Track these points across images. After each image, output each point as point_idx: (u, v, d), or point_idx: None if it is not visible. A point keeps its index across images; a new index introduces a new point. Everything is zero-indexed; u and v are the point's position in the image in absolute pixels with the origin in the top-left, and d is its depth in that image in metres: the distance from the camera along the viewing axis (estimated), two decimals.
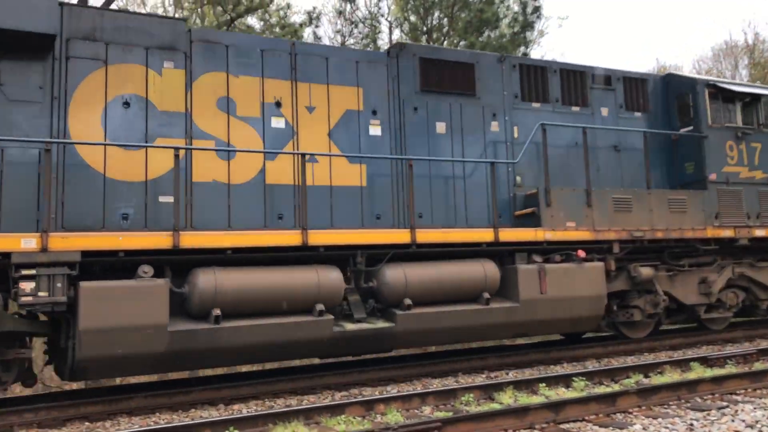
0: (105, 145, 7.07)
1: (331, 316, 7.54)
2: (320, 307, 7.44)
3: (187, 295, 7.02)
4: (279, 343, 7.33)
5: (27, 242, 6.33)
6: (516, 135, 9.55)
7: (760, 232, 10.71)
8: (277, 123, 8.00)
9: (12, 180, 6.68)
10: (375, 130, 8.58)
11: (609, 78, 10.53)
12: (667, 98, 10.99)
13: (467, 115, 9.21)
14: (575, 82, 10.17)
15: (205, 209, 7.49)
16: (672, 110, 10.93)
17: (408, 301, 7.94)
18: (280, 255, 7.54)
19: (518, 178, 9.46)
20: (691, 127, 10.69)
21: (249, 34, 11.09)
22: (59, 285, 6.31)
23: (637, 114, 10.71)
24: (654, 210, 9.86)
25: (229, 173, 7.65)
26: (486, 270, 8.50)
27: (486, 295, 8.42)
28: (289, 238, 7.42)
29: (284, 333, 7.30)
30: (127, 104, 7.28)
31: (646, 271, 9.76)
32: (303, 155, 7.80)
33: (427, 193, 8.78)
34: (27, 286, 6.26)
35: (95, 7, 9.63)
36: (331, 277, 7.58)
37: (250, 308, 7.17)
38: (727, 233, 10.43)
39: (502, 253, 8.89)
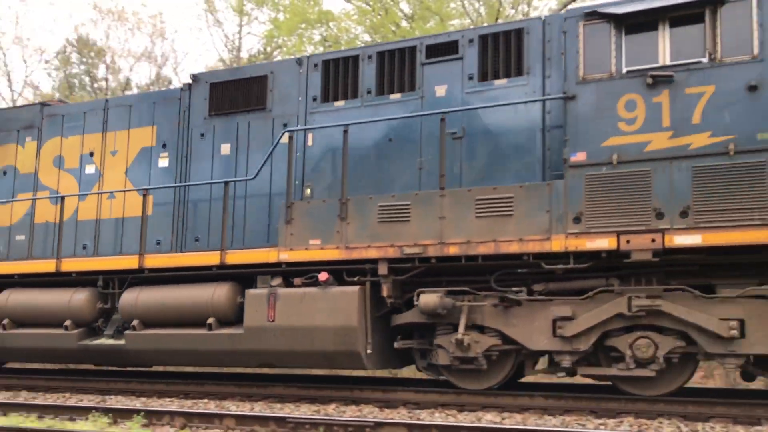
0: None
1: (76, 331, 8.92)
2: (68, 322, 8.93)
3: None
4: (40, 349, 9.20)
5: None
6: (310, 143, 8.47)
7: (685, 239, 6.36)
8: (89, 169, 9.73)
9: None
10: (164, 162, 9.26)
11: (453, 44, 7.95)
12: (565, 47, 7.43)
13: (255, 131, 8.78)
14: (399, 64, 8.17)
15: (42, 244, 9.90)
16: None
17: (135, 322, 8.54)
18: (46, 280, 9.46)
19: (308, 191, 8.39)
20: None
21: (79, 102, 12.33)
22: None
23: (503, 81, 7.68)
24: (448, 217, 7.23)
25: (56, 215, 9.80)
26: (215, 294, 8.18)
27: (211, 320, 8.13)
28: (46, 265, 9.21)
29: (43, 342, 9.14)
30: (4, 173, 10.36)
31: (426, 299, 7.23)
32: (100, 194, 9.40)
33: (206, 216, 8.90)
34: None
35: None
36: (79, 297, 8.96)
37: (24, 319, 9.30)
38: (600, 243, 6.63)
39: (251, 276, 8.24)
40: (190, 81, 9.40)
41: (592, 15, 7.03)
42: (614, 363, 6.86)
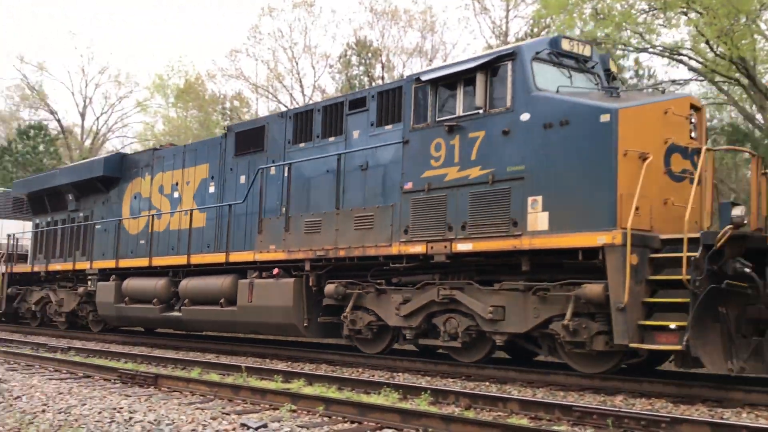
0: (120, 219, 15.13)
1: (159, 306, 13.34)
2: (155, 300, 13.40)
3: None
4: (141, 317, 14.03)
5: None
6: (286, 173, 11.73)
7: (464, 246, 8.74)
8: (176, 195, 14.08)
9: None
10: (212, 189, 13.22)
11: (363, 99, 10.72)
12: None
13: (257, 166, 12.26)
14: (333, 115, 11.13)
15: (160, 245, 14.42)
16: None
17: (186, 301, 12.70)
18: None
19: (283, 209, 11.65)
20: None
21: (171, 147, 15.82)
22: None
23: (388, 127, 10.27)
24: (340, 229, 10.23)
25: (156, 226, 14.33)
26: (223, 283, 12.00)
27: (222, 300, 11.95)
28: (143, 262, 13.82)
29: (142, 313, 13.84)
30: (135, 197, 15.17)
31: (328, 288, 10.33)
32: (182, 213, 13.74)
33: (225, 227, 12.64)
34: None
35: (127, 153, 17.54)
36: (160, 283, 13.41)
37: (135, 297, 13.99)
38: (415, 249, 9.23)
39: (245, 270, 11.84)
40: (226, 130, 13.34)
41: (418, 79, 9.49)
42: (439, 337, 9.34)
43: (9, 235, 19.47)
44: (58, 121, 46.34)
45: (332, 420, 6.24)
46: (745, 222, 7.17)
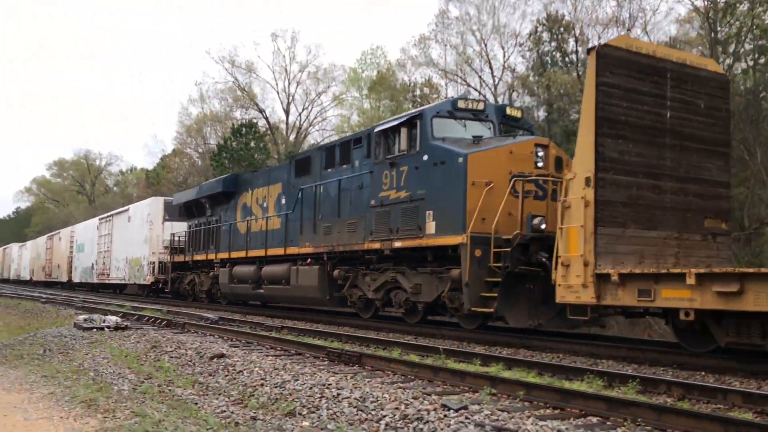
0: (234, 222, 20.87)
1: (252, 285, 18.99)
2: (250, 280, 18.91)
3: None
4: (243, 294, 19.72)
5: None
6: (314, 191, 16.43)
7: (397, 244, 13.20)
8: (264, 204, 19.41)
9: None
10: (283, 201, 18.33)
11: (360, 138, 15.08)
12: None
13: (303, 186, 17.16)
14: (345, 149, 15.66)
15: (254, 241, 19.92)
16: None
17: (265, 281, 17.99)
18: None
19: (319, 217, 16.38)
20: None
21: (263, 169, 20.53)
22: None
23: (366, 161, 14.60)
24: (340, 232, 14.88)
25: (252, 228, 19.81)
26: (283, 268, 17.20)
27: (283, 280, 17.07)
28: (242, 254, 19.41)
29: (243, 290, 19.53)
30: (243, 207, 20.80)
31: (335, 273, 15.22)
32: (266, 218, 19.08)
33: (285, 229, 17.71)
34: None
35: (239, 173, 22.64)
36: (253, 269, 18.94)
37: (239, 279, 19.58)
38: (375, 246, 13.71)
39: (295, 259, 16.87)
40: (291, 157, 18.43)
41: (375, 129, 13.91)
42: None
43: (171, 234, 26.61)
44: (266, 118, 50.44)
45: (533, 405, 6.29)
46: (542, 227, 10.81)
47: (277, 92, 51.13)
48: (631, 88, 9.60)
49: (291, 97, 51.02)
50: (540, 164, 11.89)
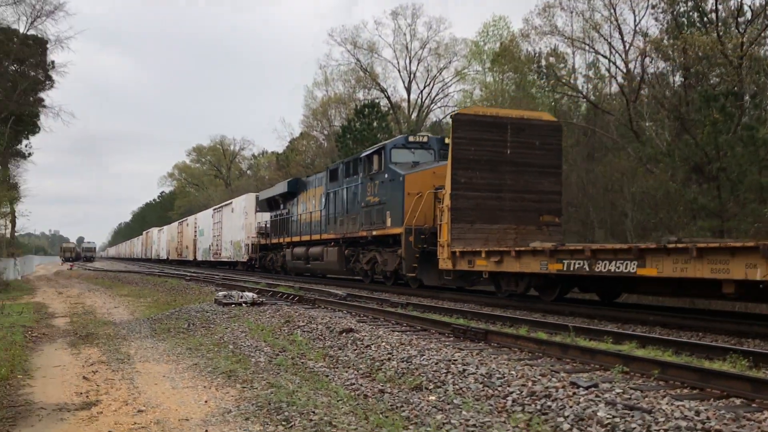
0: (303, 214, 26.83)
1: (302, 261, 26.24)
2: (302, 258, 26.29)
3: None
4: (299, 267, 27.34)
5: None
6: (334, 195, 23.22)
7: (374, 232, 19.69)
8: (313, 202, 26.24)
9: None
10: (323, 200, 24.76)
11: (361, 158, 21.25)
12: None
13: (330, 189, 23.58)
14: (355, 164, 21.85)
15: (306, 229, 25.85)
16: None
17: (311, 258, 25.32)
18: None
19: (334, 212, 23.33)
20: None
21: (314, 175, 27.21)
22: None
23: (362, 175, 20.97)
24: (347, 224, 21.71)
25: (305, 219, 26.12)
26: (319, 249, 24.09)
27: (320, 257, 24.09)
28: (303, 238, 26.74)
29: (297, 265, 27.03)
30: (302, 203, 27.94)
31: (346, 252, 22.01)
32: (311, 213, 25.74)
33: (321, 221, 23.60)
34: None
35: (300, 177, 29.38)
36: (303, 249, 26.36)
37: (297, 257, 26.83)
38: (364, 233, 20.32)
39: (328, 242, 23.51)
40: (328, 167, 25.38)
41: (362, 155, 20.83)
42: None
43: (258, 223, 34.70)
44: (388, 98, 51.38)
45: (669, 384, 6.13)
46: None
47: (399, 71, 51.42)
48: (477, 138, 15.35)
49: (412, 75, 51.37)
50: None
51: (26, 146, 39.86)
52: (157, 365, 9.26)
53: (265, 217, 33.22)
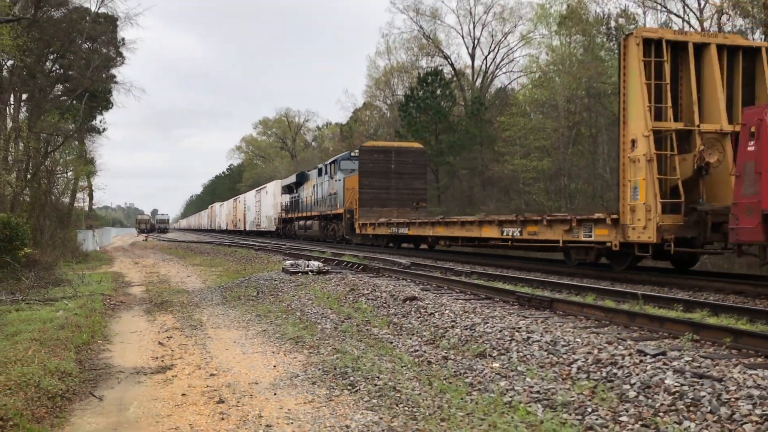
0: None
1: (302, 230, 34.87)
2: (302, 228, 34.09)
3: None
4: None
5: None
6: (315, 188, 32.01)
7: (334, 211, 30.73)
8: (310, 190, 35.91)
9: None
10: (313, 189, 34.44)
11: (331, 163, 31.48)
12: None
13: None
14: (330, 166, 31.54)
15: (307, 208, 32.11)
16: None
17: (305, 229, 32.84)
18: None
19: (317, 200, 29.27)
20: None
21: (312, 170, 36.60)
22: None
23: (336, 175, 30.07)
24: (323, 206, 33.70)
25: (306, 201, 26.39)
26: (311, 222, 32.93)
27: (311, 228, 33.95)
28: None
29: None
30: (304, 190, 36.48)
31: (323, 224, 29.75)
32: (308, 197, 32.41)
33: (312, 203, 26.36)
34: None
35: (305, 171, 38.01)
36: (303, 222, 33.82)
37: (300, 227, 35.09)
38: (330, 212, 26.80)
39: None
40: (317, 167, 31.80)
41: (330, 161, 29.40)
42: None
43: (281, 202, 44.68)
44: (451, 65, 49.28)
45: (741, 353, 5.98)
46: None
47: (462, 37, 50.11)
48: (373, 159, 26.94)
49: (476, 41, 49.37)
50: None
51: (100, 122, 41.25)
52: (227, 331, 9.57)
53: (286, 198, 43.07)
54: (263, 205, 50.98)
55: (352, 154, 29.51)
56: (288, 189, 42.18)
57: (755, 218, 9.44)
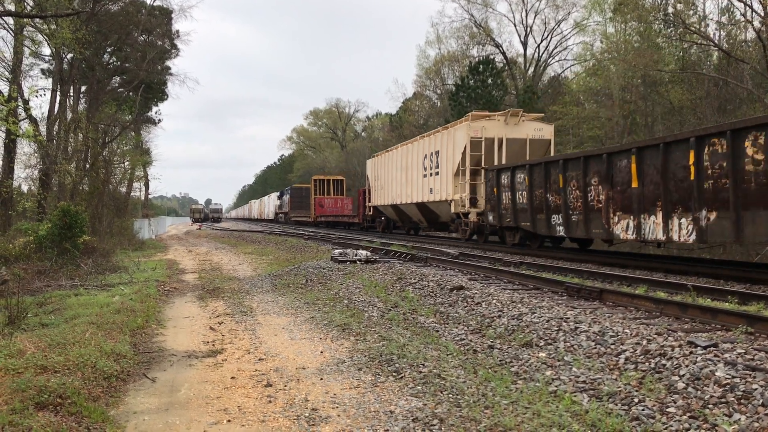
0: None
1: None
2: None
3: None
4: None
5: None
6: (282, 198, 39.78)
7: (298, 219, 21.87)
8: (277, 201, 55.44)
9: None
10: (279, 200, 48.20)
11: (284, 191, 49.01)
12: None
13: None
14: (281, 192, 47.40)
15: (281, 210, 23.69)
16: None
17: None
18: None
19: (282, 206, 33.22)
20: None
21: (284, 189, 46.01)
22: None
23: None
24: (282, 209, 22.84)
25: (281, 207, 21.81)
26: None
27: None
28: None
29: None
30: (277, 199, 24.86)
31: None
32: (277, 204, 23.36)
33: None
34: None
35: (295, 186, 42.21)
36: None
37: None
38: (294, 217, 21.76)
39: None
40: (280, 190, 39.69)
41: (288, 188, 33.35)
42: None
43: (276, 203, 61.86)
44: (503, 53, 48.63)
45: None
46: None
47: (514, 24, 49.83)
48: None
49: (529, 29, 48.73)
50: None
51: (156, 113, 42.21)
52: (276, 318, 9.72)
53: (277, 201, 60.68)
54: (269, 205, 72.87)
55: (296, 186, 49.63)
56: (279, 195, 60.61)
57: None
